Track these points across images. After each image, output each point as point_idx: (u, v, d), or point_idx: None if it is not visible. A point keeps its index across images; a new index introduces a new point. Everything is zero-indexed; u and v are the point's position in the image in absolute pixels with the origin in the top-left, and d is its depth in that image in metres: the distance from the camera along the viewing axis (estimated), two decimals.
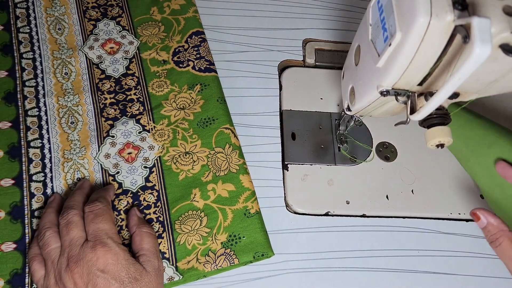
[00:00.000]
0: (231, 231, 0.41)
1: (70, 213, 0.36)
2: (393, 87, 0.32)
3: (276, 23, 0.55)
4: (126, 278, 0.33)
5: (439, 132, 0.34)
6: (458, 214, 0.46)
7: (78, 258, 0.34)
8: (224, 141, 0.45)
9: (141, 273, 0.35)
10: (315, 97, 0.50)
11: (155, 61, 0.49)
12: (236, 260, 0.39)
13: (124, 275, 0.34)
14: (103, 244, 0.34)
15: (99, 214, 0.36)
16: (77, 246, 0.34)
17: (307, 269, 0.41)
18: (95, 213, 0.36)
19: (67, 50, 0.48)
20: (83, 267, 0.33)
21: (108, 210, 0.38)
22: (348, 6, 0.58)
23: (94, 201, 0.37)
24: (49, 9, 0.50)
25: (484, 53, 0.23)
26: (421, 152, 0.48)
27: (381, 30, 0.31)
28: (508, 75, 0.29)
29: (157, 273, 0.36)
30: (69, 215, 0.36)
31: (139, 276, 0.34)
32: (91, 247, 0.34)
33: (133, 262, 0.35)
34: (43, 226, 0.37)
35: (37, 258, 0.36)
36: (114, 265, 0.34)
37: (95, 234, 0.35)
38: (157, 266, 0.36)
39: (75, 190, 0.40)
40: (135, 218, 0.40)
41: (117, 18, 0.51)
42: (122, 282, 0.33)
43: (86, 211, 0.37)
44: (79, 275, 0.33)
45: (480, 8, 0.26)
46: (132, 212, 0.40)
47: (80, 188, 0.40)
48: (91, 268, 0.33)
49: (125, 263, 0.34)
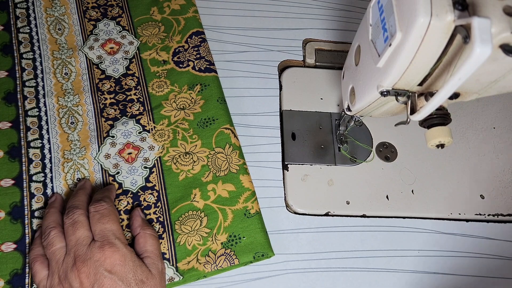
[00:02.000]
0: (231, 231, 0.41)
1: (76, 213, 0.36)
2: (393, 87, 0.32)
3: (276, 23, 0.55)
4: (133, 280, 0.33)
5: (439, 132, 0.34)
6: (458, 214, 0.46)
7: (86, 257, 0.33)
8: (224, 141, 0.45)
9: (147, 276, 0.34)
10: (315, 97, 0.50)
11: (155, 61, 0.49)
12: (236, 261, 0.39)
13: (131, 276, 0.33)
14: (111, 244, 0.34)
15: (105, 214, 0.36)
16: (84, 245, 0.34)
17: (307, 269, 0.41)
18: (101, 213, 0.36)
19: (67, 50, 0.48)
20: (90, 266, 0.33)
21: (113, 210, 0.37)
22: (348, 6, 0.58)
23: (99, 201, 0.37)
24: (49, 9, 0.50)
25: (484, 53, 0.23)
26: (421, 152, 0.48)
27: (381, 30, 0.31)
28: (508, 75, 0.29)
29: (161, 276, 0.36)
30: (75, 214, 0.36)
31: (145, 279, 0.34)
32: (99, 247, 0.34)
33: (140, 264, 0.35)
34: (47, 225, 0.36)
35: (39, 259, 0.36)
36: (122, 266, 0.33)
37: (102, 234, 0.35)
38: (161, 269, 0.36)
39: (78, 189, 0.40)
40: (139, 219, 0.39)
41: (117, 18, 0.51)
42: (129, 284, 0.33)
43: (91, 211, 0.36)
44: (85, 275, 0.33)
45: (480, 8, 0.26)
46: (135, 213, 0.40)
47: (83, 188, 0.40)
48: (99, 268, 0.33)
49: (132, 264, 0.34)
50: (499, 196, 0.47)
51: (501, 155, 0.50)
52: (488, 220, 0.46)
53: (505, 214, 0.46)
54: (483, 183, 0.48)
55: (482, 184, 0.48)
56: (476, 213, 0.46)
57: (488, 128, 0.51)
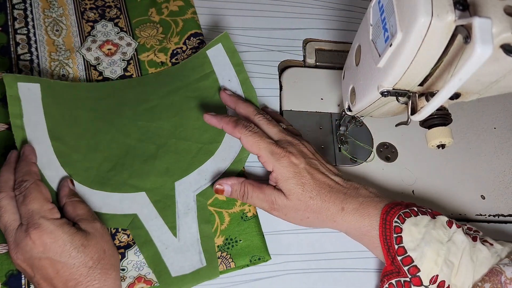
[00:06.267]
0: (227, 234, 0.40)
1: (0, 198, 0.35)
2: (394, 87, 0.32)
3: (276, 23, 0.55)
4: (73, 249, 0.33)
5: (440, 132, 0.34)
6: (458, 215, 0.45)
7: (16, 244, 0.33)
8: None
9: (86, 238, 0.34)
10: (316, 97, 0.50)
11: (153, 63, 0.49)
12: (233, 264, 0.39)
13: (69, 247, 0.33)
14: (36, 225, 0.33)
15: (27, 194, 0.35)
16: (11, 230, 0.34)
17: (308, 270, 0.41)
18: (24, 194, 0.35)
19: (65, 52, 0.48)
20: (23, 253, 0.33)
21: (36, 186, 0.36)
22: (348, 6, 0.58)
23: (20, 181, 0.36)
24: (47, 11, 0.50)
25: (485, 54, 0.23)
26: (422, 152, 0.48)
27: (382, 30, 0.31)
28: (509, 75, 0.29)
29: (102, 232, 0.36)
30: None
31: (86, 241, 0.34)
32: (25, 231, 0.33)
33: (74, 231, 0.34)
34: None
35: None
36: (54, 243, 0.33)
37: (27, 217, 0.34)
38: (99, 227, 0.36)
39: (1, 168, 0.37)
40: (66, 189, 0.39)
41: (115, 19, 0.51)
42: (69, 255, 0.33)
43: (16, 194, 0.35)
44: (21, 261, 0.33)
45: (481, 8, 0.26)
46: (64, 183, 0.39)
47: (6, 164, 0.38)
48: (31, 252, 0.33)
49: (66, 236, 0.33)
50: (499, 197, 0.47)
51: (501, 156, 0.50)
52: (488, 220, 0.46)
53: (505, 214, 0.46)
54: (483, 184, 0.48)
55: (483, 185, 0.47)
56: (476, 213, 0.46)
57: (489, 128, 0.51)
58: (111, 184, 0.41)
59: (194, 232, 0.40)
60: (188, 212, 0.40)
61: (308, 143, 0.42)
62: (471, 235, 0.37)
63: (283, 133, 0.41)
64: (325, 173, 0.40)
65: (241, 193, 0.40)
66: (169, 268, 0.38)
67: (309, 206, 0.38)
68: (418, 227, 0.36)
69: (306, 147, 0.41)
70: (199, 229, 0.40)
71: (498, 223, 0.46)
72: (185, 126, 0.44)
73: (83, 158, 0.41)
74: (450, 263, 0.34)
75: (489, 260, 0.35)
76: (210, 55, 0.47)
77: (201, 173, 0.42)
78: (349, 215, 0.38)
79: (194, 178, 0.42)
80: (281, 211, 0.39)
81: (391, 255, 0.36)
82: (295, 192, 0.38)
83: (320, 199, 0.38)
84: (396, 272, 0.36)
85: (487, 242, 0.36)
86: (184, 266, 0.38)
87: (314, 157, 0.41)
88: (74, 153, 0.41)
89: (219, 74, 0.47)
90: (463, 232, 0.36)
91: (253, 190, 0.39)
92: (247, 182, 0.40)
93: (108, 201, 0.40)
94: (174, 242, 0.39)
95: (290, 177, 0.38)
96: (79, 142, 0.42)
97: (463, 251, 0.35)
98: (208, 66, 0.47)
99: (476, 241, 0.36)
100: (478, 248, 0.35)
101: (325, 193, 0.38)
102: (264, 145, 0.39)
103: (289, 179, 0.38)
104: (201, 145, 0.43)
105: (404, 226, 0.36)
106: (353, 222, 0.38)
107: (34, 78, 0.43)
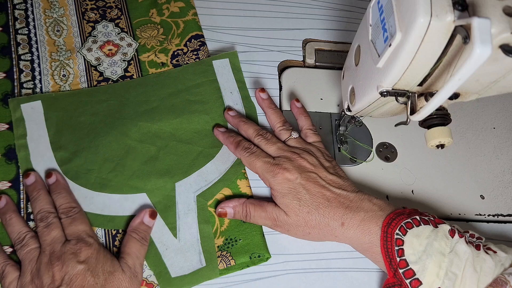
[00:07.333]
0: (227, 235, 0.41)
1: (50, 216, 0.38)
2: (393, 87, 0.32)
3: (276, 23, 0.55)
4: (101, 271, 0.35)
5: (439, 132, 0.34)
6: (458, 215, 0.45)
7: (60, 253, 0.35)
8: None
9: (116, 270, 0.36)
10: (315, 97, 0.50)
11: (153, 63, 0.49)
12: (233, 261, 0.39)
13: (100, 268, 0.35)
14: (85, 241, 0.36)
15: (77, 218, 0.38)
16: (59, 243, 0.36)
17: (308, 269, 0.41)
18: (73, 218, 0.38)
19: (65, 52, 0.48)
20: (64, 260, 0.35)
21: (83, 212, 0.40)
22: (348, 6, 0.58)
23: (69, 207, 0.39)
24: (48, 11, 0.50)
25: (484, 54, 0.23)
26: (421, 152, 0.48)
27: (381, 30, 0.31)
28: (508, 75, 0.29)
29: (132, 276, 0.36)
30: (49, 218, 0.38)
31: (114, 272, 0.36)
32: (74, 244, 0.36)
33: (112, 258, 0.37)
34: (20, 231, 0.38)
35: (11, 262, 0.37)
36: (93, 259, 0.36)
37: (76, 235, 0.37)
38: (134, 270, 0.37)
39: (36, 194, 0.39)
40: (137, 220, 0.39)
41: (116, 20, 0.51)
42: (96, 274, 0.35)
43: (63, 218, 0.38)
44: (58, 269, 0.34)
45: (480, 8, 0.26)
46: (140, 214, 0.40)
47: (41, 188, 0.40)
48: (72, 260, 0.35)
49: (103, 258, 0.36)
50: (499, 196, 0.47)
51: (501, 155, 0.50)
52: (488, 220, 0.46)
53: (505, 214, 0.46)
54: (483, 184, 0.48)
55: (482, 185, 0.48)
56: (476, 213, 0.46)
57: (488, 128, 0.51)
58: (112, 185, 0.41)
59: (194, 232, 0.40)
60: (188, 213, 0.40)
61: (314, 153, 0.42)
62: (474, 243, 0.36)
63: (282, 149, 0.42)
64: (324, 186, 0.39)
65: (243, 214, 0.40)
66: (169, 269, 0.38)
67: (308, 222, 0.38)
68: (420, 238, 0.35)
69: (306, 159, 0.40)
70: (199, 229, 0.40)
71: (498, 223, 0.46)
72: (185, 129, 0.44)
73: (84, 161, 0.42)
74: (452, 275, 0.34)
75: (493, 270, 0.34)
76: (215, 65, 0.48)
77: (201, 175, 0.42)
78: (350, 230, 0.38)
79: (194, 179, 0.42)
80: (283, 227, 0.39)
81: (393, 267, 0.36)
82: (292, 208, 0.38)
83: (318, 214, 0.38)
84: (398, 284, 0.35)
85: (491, 249, 0.36)
86: (184, 267, 0.38)
87: (315, 169, 0.40)
88: (76, 158, 0.42)
89: (222, 85, 0.48)
90: (466, 241, 0.36)
91: (254, 210, 0.40)
92: (248, 202, 0.40)
93: (109, 203, 0.40)
94: (174, 242, 0.39)
95: (285, 193, 0.39)
96: (80, 146, 0.43)
97: (466, 261, 0.34)
98: (212, 73, 0.48)
99: (479, 250, 0.35)
100: (482, 257, 0.35)
101: (323, 208, 0.38)
102: (259, 164, 0.40)
103: (285, 195, 0.39)
104: (202, 148, 0.44)
105: (406, 239, 0.35)
106: (354, 238, 0.38)
107: (36, 96, 0.44)
